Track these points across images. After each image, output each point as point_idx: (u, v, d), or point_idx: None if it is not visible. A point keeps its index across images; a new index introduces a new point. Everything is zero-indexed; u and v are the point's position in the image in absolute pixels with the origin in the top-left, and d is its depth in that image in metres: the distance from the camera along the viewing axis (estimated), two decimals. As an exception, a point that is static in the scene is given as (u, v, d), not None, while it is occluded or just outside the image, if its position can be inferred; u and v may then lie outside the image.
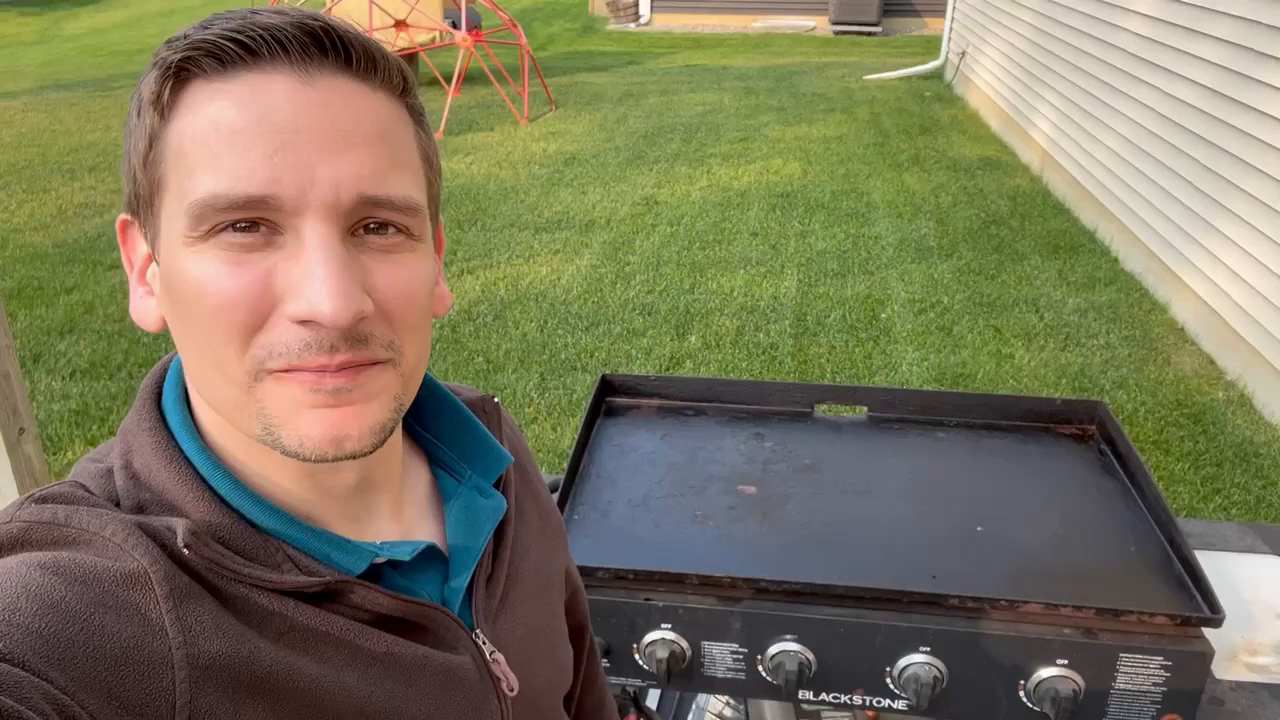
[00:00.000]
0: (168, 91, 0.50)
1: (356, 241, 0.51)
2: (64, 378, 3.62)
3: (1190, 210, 4.05)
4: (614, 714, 0.95)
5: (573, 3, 14.69)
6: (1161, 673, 1.00)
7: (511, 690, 0.63)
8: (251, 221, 0.49)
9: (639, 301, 4.30)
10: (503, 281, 4.53)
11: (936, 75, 9.00)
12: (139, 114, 0.52)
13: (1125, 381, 3.62)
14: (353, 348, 0.50)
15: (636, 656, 1.11)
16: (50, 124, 7.32)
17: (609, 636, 1.11)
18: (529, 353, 3.85)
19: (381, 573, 0.58)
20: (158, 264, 0.53)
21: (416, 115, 0.56)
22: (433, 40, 8.17)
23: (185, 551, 0.49)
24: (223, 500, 0.54)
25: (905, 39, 11.67)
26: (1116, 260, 4.75)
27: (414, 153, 0.55)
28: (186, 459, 0.54)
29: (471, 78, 8.42)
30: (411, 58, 8.52)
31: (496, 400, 0.72)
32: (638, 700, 1.34)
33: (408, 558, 0.58)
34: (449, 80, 7.52)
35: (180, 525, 0.50)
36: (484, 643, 0.62)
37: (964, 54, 8.29)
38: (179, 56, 0.50)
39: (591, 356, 3.80)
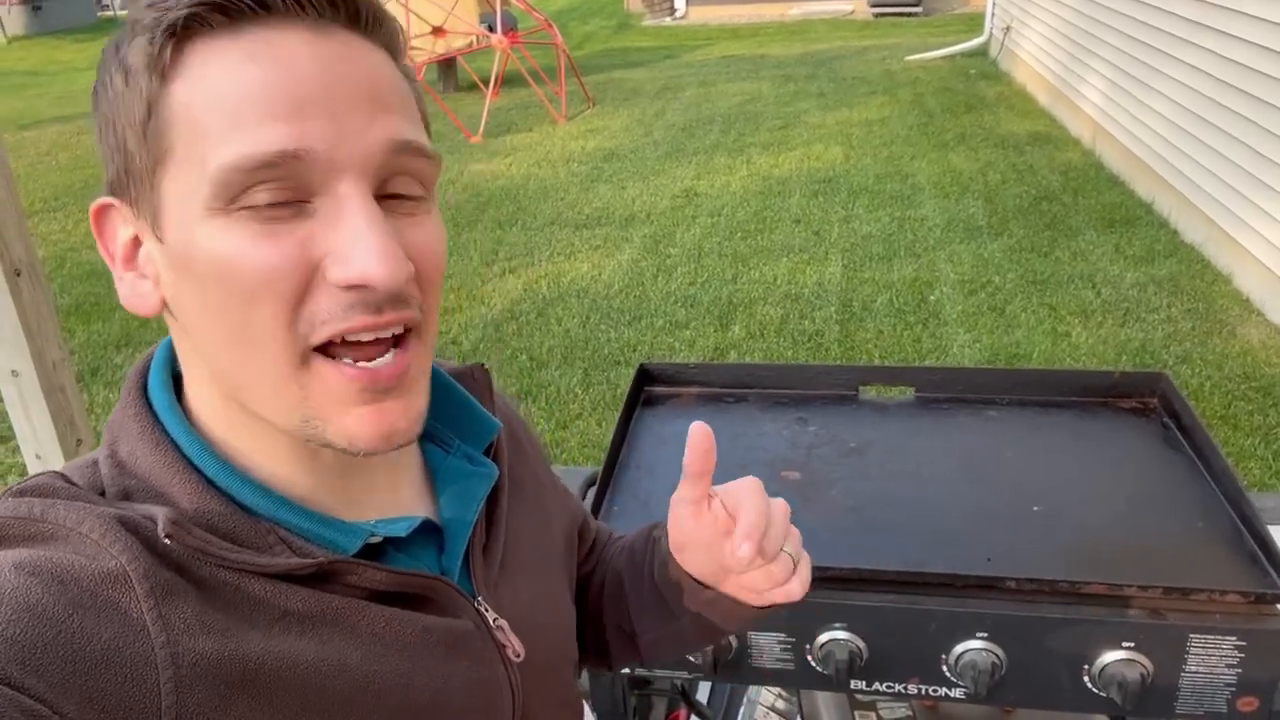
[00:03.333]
0: (169, 52, 0.47)
1: (384, 207, 0.50)
2: (120, 390, 3.70)
3: (1251, 175, 3.89)
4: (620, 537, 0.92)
5: (608, 0, 14.68)
6: (1235, 654, 0.94)
7: (518, 656, 0.62)
8: (279, 189, 0.47)
9: (681, 294, 4.27)
10: (544, 279, 4.53)
11: (980, 52, 8.80)
12: (126, 82, 0.48)
13: (1189, 356, 3.49)
14: (396, 307, 0.50)
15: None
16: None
17: (652, 628, 1.08)
18: (572, 349, 3.84)
19: (380, 551, 0.56)
20: (159, 242, 0.50)
21: (410, 77, 0.55)
22: (469, 44, 8.22)
23: (167, 542, 0.47)
24: (211, 483, 0.52)
25: (947, 17, 11.44)
26: (1176, 231, 4.59)
27: (418, 110, 0.54)
28: (173, 443, 0.53)
29: (509, 80, 8.45)
30: (449, 63, 8.59)
31: (485, 368, 0.70)
32: (686, 694, 1.31)
33: (404, 533, 0.56)
34: (487, 84, 7.56)
35: (161, 514, 0.48)
36: (486, 610, 0.60)
37: (1008, 29, 8.09)
38: (181, 14, 0.47)
39: (634, 350, 3.78)
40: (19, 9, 14.07)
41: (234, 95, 0.46)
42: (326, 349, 0.49)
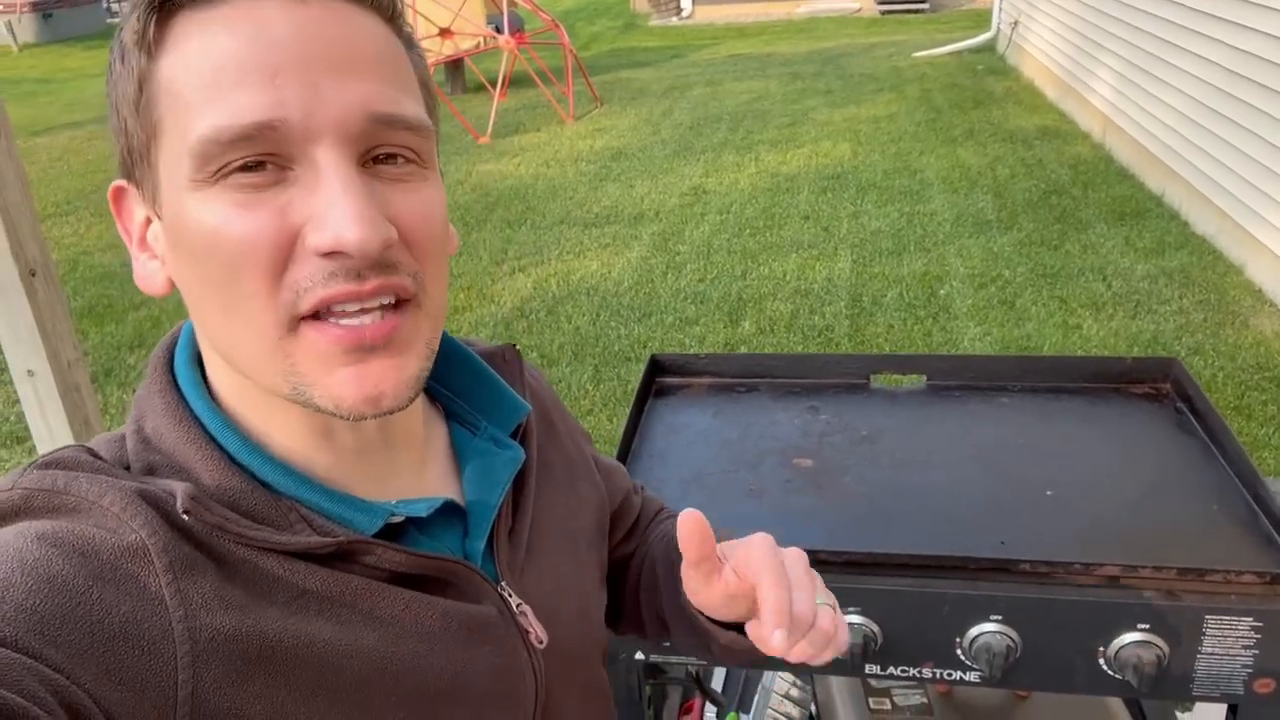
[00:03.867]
0: (152, 27, 0.48)
1: (370, 172, 0.50)
2: (133, 390, 3.72)
3: (1263, 166, 3.86)
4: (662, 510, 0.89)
5: (614, 1, 14.69)
6: (1252, 634, 0.94)
7: (541, 642, 0.61)
8: (259, 160, 0.47)
9: (690, 290, 4.27)
10: (554, 278, 4.54)
11: (988, 48, 8.77)
12: (122, 59, 0.49)
13: (1201, 347, 3.47)
14: (381, 274, 0.49)
15: (695, 635, 1.08)
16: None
17: (666, 615, 1.09)
18: (582, 346, 3.85)
19: (402, 531, 0.56)
20: (159, 220, 0.51)
21: (408, 41, 0.54)
22: (477, 46, 8.23)
23: (185, 518, 0.47)
24: (234, 460, 0.52)
25: (954, 13, 11.41)
26: (1187, 223, 4.56)
27: (413, 76, 0.53)
28: (197, 420, 0.53)
29: (517, 81, 8.46)
30: (457, 64, 8.61)
31: (516, 349, 0.70)
32: (701, 681, 1.31)
33: (425, 514, 0.56)
34: (494, 85, 7.57)
35: (180, 489, 0.48)
36: (509, 595, 0.60)
37: (1016, 24, 8.06)
38: None
39: (644, 347, 3.78)
40: (30, 17, 14.17)
41: (210, 66, 0.46)
42: (315, 317, 0.49)
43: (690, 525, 0.55)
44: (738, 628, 0.65)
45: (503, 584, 0.60)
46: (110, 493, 0.47)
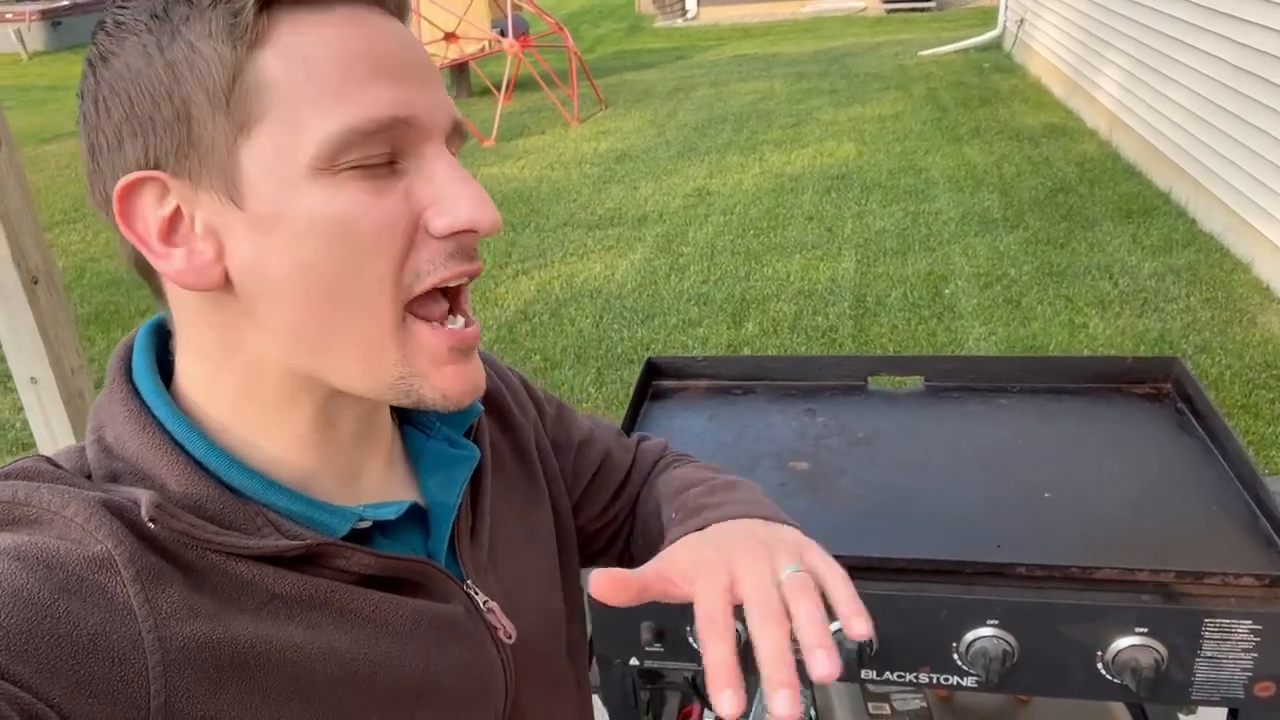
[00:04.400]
0: (261, 21, 0.48)
1: None
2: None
3: (1270, 163, 3.83)
4: (646, 450, 0.87)
5: (619, 3, 14.70)
6: (1251, 638, 0.93)
7: (509, 638, 0.62)
8: (379, 151, 0.50)
9: (694, 292, 4.26)
10: (557, 280, 4.54)
11: (994, 46, 8.74)
12: (194, 50, 0.48)
13: (1209, 345, 3.44)
14: (476, 258, 0.54)
15: (691, 640, 1.08)
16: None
17: (661, 620, 1.08)
18: (585, 348, 3.85)
19: (368, 536, 0.56)
20: (238, 210, 0.49)
21: None
22: (481, 49, 8.25)
23: (150, 525, 0.47)
24: (200, 466, 0.52)
25: (960, 12, 11.37)
26: (1194, 221, 4.53)
27: None
28: (161, 426, 0.52)
29: (521, 84, 8.47)
30: (462, 68, 8.62)
31: None
32: (699, 688, 1.30)
33: (393, 517, 0.56)
34: (499, 88, 7.58)
35: (145, 498, 0.47)
36: (476, 593, 0.60)
37: (1022, 21, 8.03)
38: None
39: (647, 349, 3.77)
40: (39, 25, 14.26)
41: (339, 64, 0.49)
42: (417, 314, 0.53)
43: (600, 594, 0.51)
44: None
45: (469, 582, 0.60)
46: (73, 503, 0.47)
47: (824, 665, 0.46)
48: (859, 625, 0.50)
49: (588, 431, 0.82)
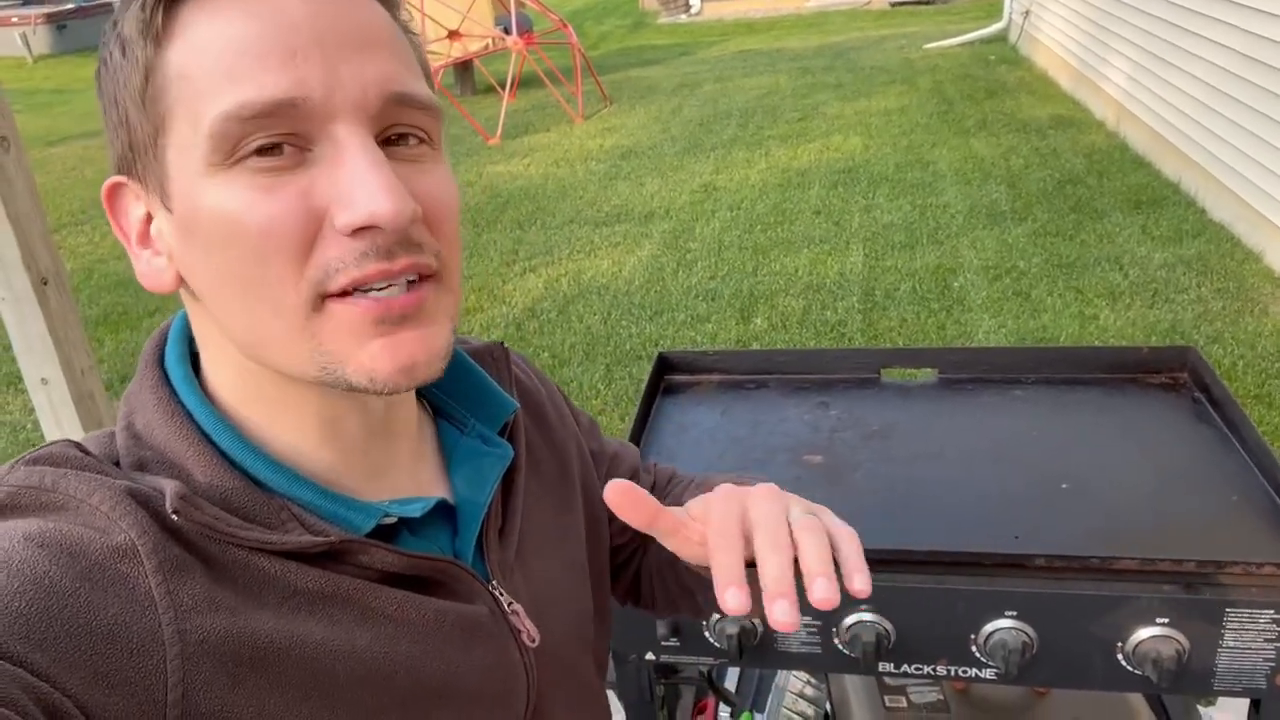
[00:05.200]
0: (160, 16, 0.47)
1: (386, 153, 0.49)
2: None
3: (1282, 151, 3.81)
4: (677, 475, 0.86)
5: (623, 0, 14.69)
6: (1273, 627, 0.92)
7: (533, 641, 0.60)
8: (276, 142, 0.46)
9: (702, 288, 4.25)
10: (565, 277, 4.53)
11: (1000, 38, 8.70)
12: (123, 52, 0.48)
13: (1220, 335, 3.42)
14: (409, 252, 0.48)
15: (707, 634, 1.07)
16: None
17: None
18: (594, 345, 3.84)
19: (394, 532, 0.55)
20: (168, 212, 0.50)
21: (404, 26, 0.54)
22: (485, 47, 8.23)
23: (174, 518, 0.46)
24: (226, 457, 0.51)
25: (965, 4, 11.32)
26: (1204, 211, 4.50)
27: (416, 62, 0.53)
28: (189, 416, 0.52)
29: (526, 81, 8.47)
30: (466, 66, 8.61)
31: (505, 346, 0.69)
32: (714, 681, 1.30)
33: (418, 514, 0.55)
34: (504, 86, 7.57)
35: (170, 488, 0.47)
36: (501, 594, 0.59)
37: (1028, 13, 7.99)
38: None
39: (656, 345, 3.77)
40: (44, 29, 14.29)
41: (228, 48, 0.46)
42: (341, 295, 0.48)
43: (614, 500, 0.52)
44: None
45: (494, 583, 0.59)
46: (99, 491, 0.46)
47: (824, 590, 0.48)
48: (859, 581, 0.50)
49: (616, 448, 0.83)
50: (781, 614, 0.47)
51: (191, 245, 0.49)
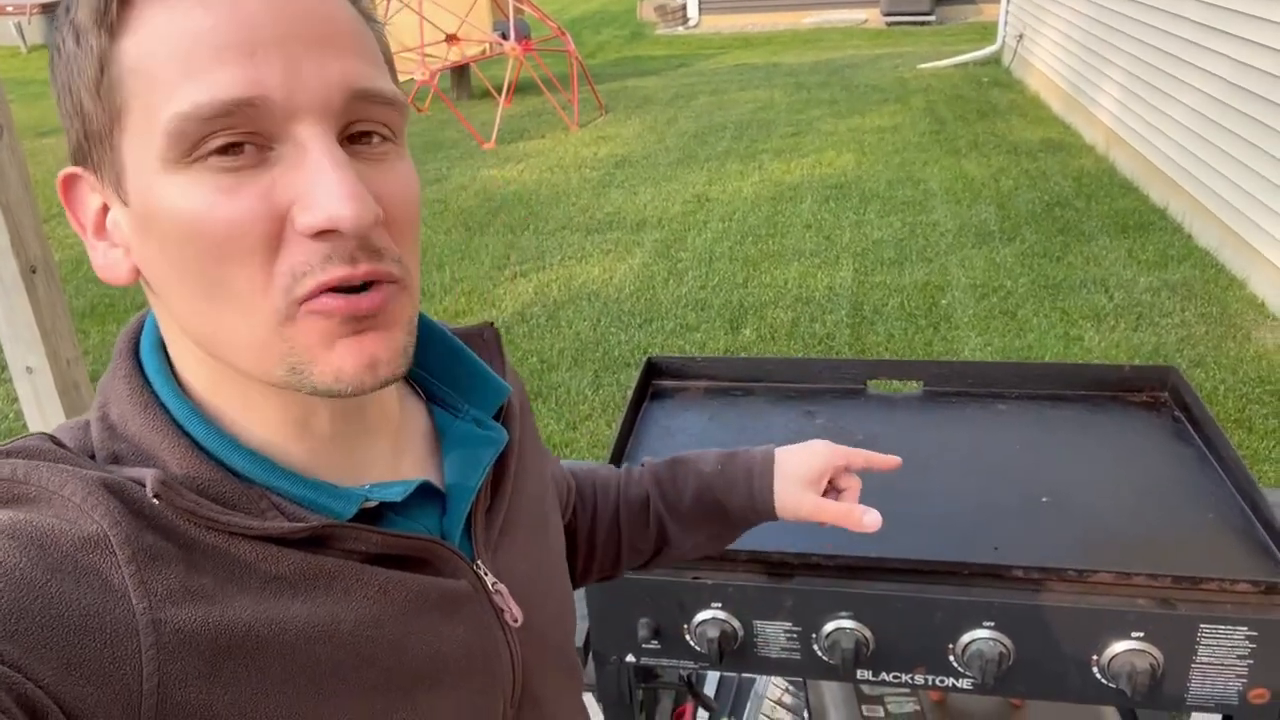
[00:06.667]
0: (115, 6, 0.46)
1: (349, 151, 0.48)
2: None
3: (1266, 180, 3.86)
4: (610, 474, 0.93)
5: (621, 10, 14.73)
6: (1246, 644, 0.93)
7: (515, 621, 0.60)
8: (237, 141, 0.46)
9: (691, 297, 4.27)
10: (555, 283, 4.54)
11: (994, 60, 8.78)
12: (77, 42, 0.47)
13: (1203, 359, 3.46)
14: (370, 259, 0.48)
15: (688, 637, 1.08)
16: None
17: (657, 617, 1.08)
18: (582, 351, 3.85)
19: (378, 516, 0.55)
20: (124, 205, 0.49)
21: (367, 14, 0.53)
22: (483, 52, 8.25)
23: (155, 502, 0.46)
24: (202, 448, 0.51)
25: (960, 26, 11.43)
26: (1190, 236, 4.56)
27: (380, 53, 0.53)
28: (163, 407, 0.52)
29: (522, 87, 8.48)
30: (463, 70, 8.63)
31: (494, 327, 0.69)
32: (693, 686, 1.30)
33: (399, 498, 0.55)
34: (500, 91, 7.59)
35: (150, 475, 0.47)
36: (485, 573, 0.59)
37: (1021, 37, 8.07)
38: None
39: (644, 352, 3.77)
40: (39, 18, 14.23)
41: (185, 42, 0.45)
42: (311, 301, 0.48)
43: (872, 527, 0.86)
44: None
45: (478, 562, 0.59)
46: (71, 482, 0.46)
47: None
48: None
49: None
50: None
51: (148, 240, 0.49)
